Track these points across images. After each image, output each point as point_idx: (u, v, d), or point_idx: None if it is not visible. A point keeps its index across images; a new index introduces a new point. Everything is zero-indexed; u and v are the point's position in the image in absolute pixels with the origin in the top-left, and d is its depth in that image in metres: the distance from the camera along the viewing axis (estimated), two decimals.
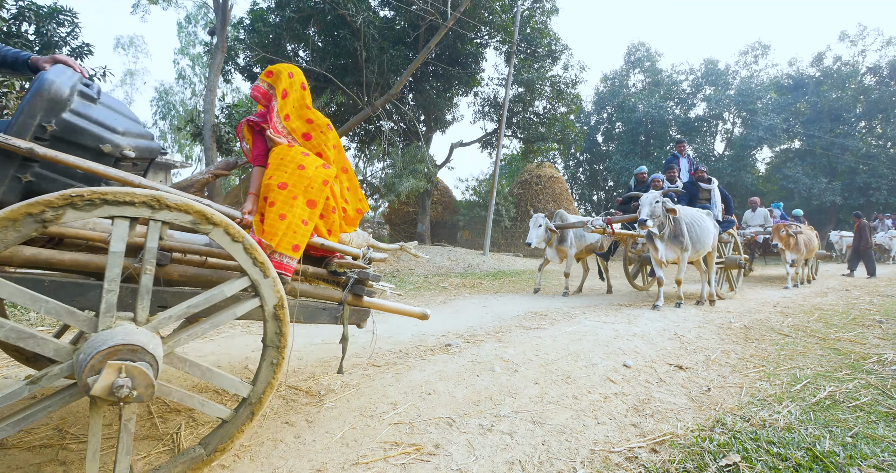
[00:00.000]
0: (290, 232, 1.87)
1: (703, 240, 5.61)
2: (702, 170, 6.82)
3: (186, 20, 28.77)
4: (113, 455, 1.76)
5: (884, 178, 22.82)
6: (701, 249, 5.61)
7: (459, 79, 15.60)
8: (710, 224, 5.90)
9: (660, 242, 5.28)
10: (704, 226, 5.69)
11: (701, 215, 5.84)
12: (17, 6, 9.83)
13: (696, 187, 6.76)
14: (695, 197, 6.72)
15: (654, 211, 5.03)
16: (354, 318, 2.17)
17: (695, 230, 5.52)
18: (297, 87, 2.20)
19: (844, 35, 26.28)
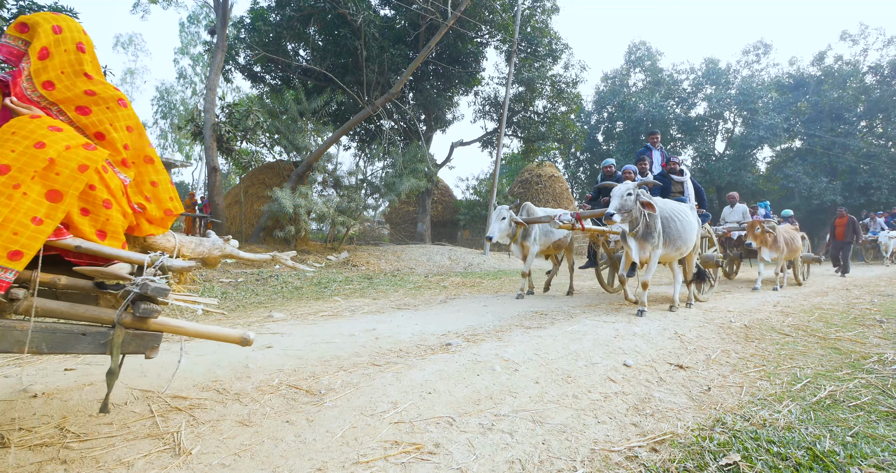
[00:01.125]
0: (7, 233, 1.40)
1: (685, 237, 4.99)
2: (674, 161, 6.29)
3: (188, 20, 28.81)
4: (111, 452, 1.76)
5: (884, 177, 22.80)
6: (682, 246, 4.99)
7: (460, 78, 15.60)
8: (693, 219, 5.29)
9: (633, 240, 4.64)
10: (687, 221, 5.08)
11: (683, 209, 5.20)
12: (17, 6, 9.83)
13: (668, 179, 6.23)
14: (667, 190, 6.19)
15: (625, 204, 4.42)
16: (135, 345, 1.71)
17: (674, 226, 4.87)
18: (70, 46, 1.73)
19: (846, 34, 26.24)
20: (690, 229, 5.10)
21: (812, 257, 9.52)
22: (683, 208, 5.29)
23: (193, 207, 16.69)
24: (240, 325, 4.27)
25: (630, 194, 4.44)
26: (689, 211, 5.30)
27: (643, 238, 4.62)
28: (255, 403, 2.27)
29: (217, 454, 1.78)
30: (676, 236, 4.87)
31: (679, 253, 5.08)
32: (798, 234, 8.65)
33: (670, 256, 5.02)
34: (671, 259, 5.24)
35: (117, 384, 2.52)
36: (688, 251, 5.19)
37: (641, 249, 4.66)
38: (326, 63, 14.25)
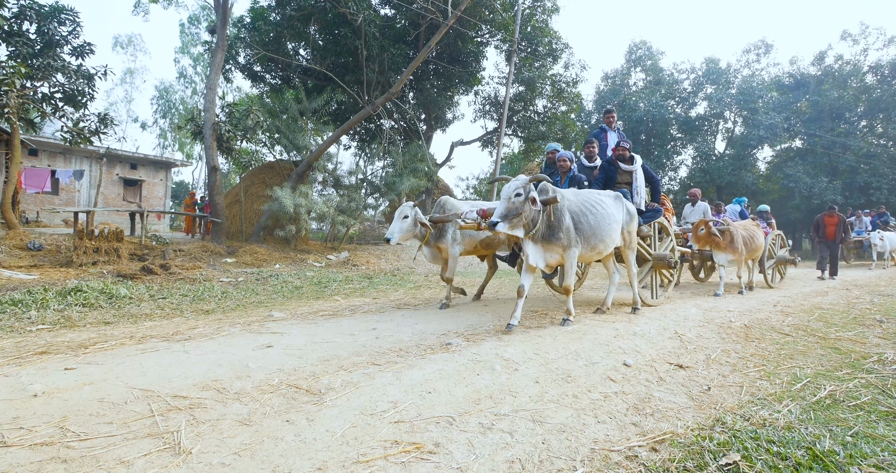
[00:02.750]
0: None
1: (602, 233, 4.21)
2: (624, 146, 5.37)
3: (189, 21, 28.82)
4: (111, 452, 1.77)
5: (884, 177, 22.79)
6: (600, 244, 4.26)
7: (460, 77, 15.60)
8: (614, 210, 4.48)
9: (531, 243, 3.89)
10: (604, 214, 4.30)
11: (599, 201, 4.41)
12: (18, 5, 9.83)
13: (614, 167, 5.40)
14: (612, 179, 5.39)
15: (513, 208, 3.66)
16: None
17: (587, 222, 4.13)
18: None
19: (846, 34, 26.21)
20: (609, 222, 4.32)
21: (787, 258, 8.67)
22: (600, 199, 4.47)
23: (194, 206, 16.69)
24: (239, 324, 4.28)
25: (519, 195, 3.68)
26: (608, 202, 4.51)
27: (546, 240, 3.91)
28: (256, 402, 2.27)
29: (217, 453, 1.78)
30: (591, 233, 4.14)
31: (597, 253, 4.33)
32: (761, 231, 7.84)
33: (587, 256, 4.31)
34: (590, 260, 4.57)
35: (117, 383, 2.52)
36: (608, 249, 4.41)
37: (547, 251, 3.95)
38: (327, 62, 14.25)
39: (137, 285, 6.55)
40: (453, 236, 5.23)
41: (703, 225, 6.93)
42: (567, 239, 3.94)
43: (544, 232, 3.89)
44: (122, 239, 9.43)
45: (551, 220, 3.89)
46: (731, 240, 7.06)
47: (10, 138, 10.86)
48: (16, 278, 6.84)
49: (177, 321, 4.64)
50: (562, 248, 3.95)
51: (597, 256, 4.40)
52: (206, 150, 12.07)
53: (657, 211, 5.52)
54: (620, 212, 4.58)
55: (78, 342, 3.56)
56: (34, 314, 4.59)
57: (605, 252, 4.41)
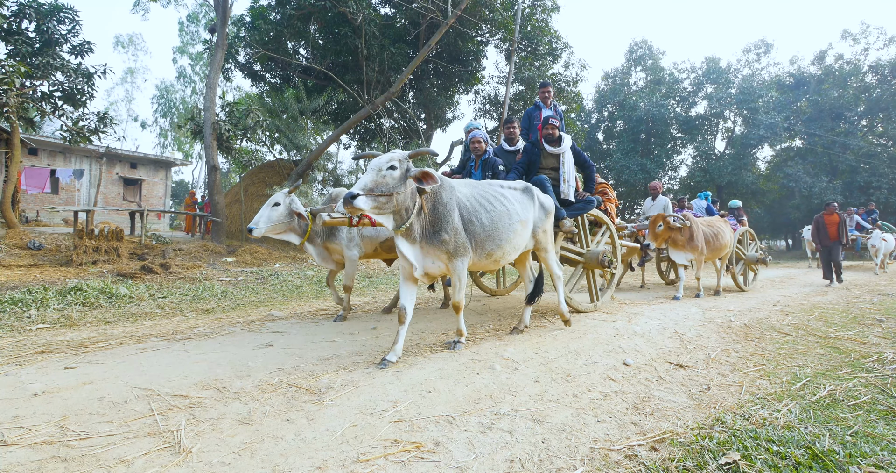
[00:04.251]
0: None
1: (499, 236, 3.30)
2: (552, 124, 4.45)
3: (188, 19, 28.79)
4: (112, 451, 1.76)
5: (884, 177, 22.80)
6: (497, 250, 3.30)
7: (460, 77, 15.59)
8: (520, 207, 3.55)
9: (405, 243, 2.94)
10: (502, 212, 3.36)
11: (498, 194, 3.46)
12: (17, 3, 9.81)
13: (538, 149, 4.52)
14: (535, 164, 4.49)
15: (381, 185, 2.69)
16: None
17: (481, 220, 3.20)
18: None
19: (847, 33, 26.21)
20: (511, 222, 3.37)
21: (756, 257, 7.83)
22: (503, 193, 3.52)
23: (194, 205, 16.69)
24: (239, 323, 4.28)
25: (394, 169, 2.74)
26: (513, 197, 3.57)
27: (427, 240, 2.97)
28: (256, 401, 2.27)
29: (217, 452, 1.78)
30: (485, 236, 3.20)
31: (494, 261, 3.36)
32: (727, 227, 7.16)
33: (483, 265, 3.36)
34: (488, 269, 3.60)
35: (117, 382, 2.52)
36: (510, 255, 3.48)
37: (427, 255, 3.02)
38: (327, 62, 14.24)
39: (137, 285, 6.55)
40: (349, 236, 4.34)
41: (660, 220, 6.30)
42: (454, 242, 3.01)
43: (424, 229, 2.96)
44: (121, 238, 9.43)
45: (434, 214, 2.95)
46: (691, 237, 6.41)
47: (9, 137, 10.85)
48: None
49: (177, 321, 4.64)
50: (446, 253, 3.00)
51: (493, 264, 3.42)
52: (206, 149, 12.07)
53: (589, 202, 4.64)
54: (530, 208, 3.65)
55: (78, 341, 3.56)
56: (34, 313, 4.59)
57: (506, 260, 3.47)
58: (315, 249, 4.34)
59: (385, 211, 2.78)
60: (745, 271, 7.85)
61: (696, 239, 6.43)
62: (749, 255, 7.84)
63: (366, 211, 2.68)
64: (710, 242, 6.66)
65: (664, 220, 6.28)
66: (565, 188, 4.47)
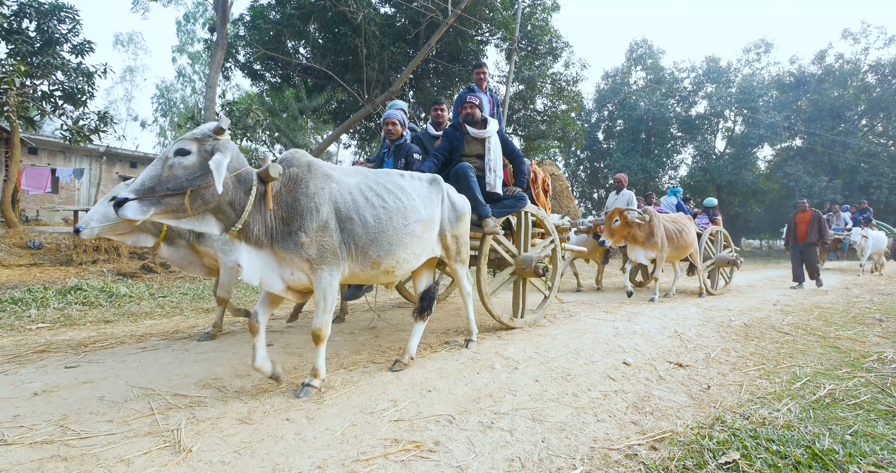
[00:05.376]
0: None
1: (391, 240, 2.59)
2: (471, 102, 3.80)
3: (185, 18, 28.75)
4: (112, 450, 1.77)
5: (884, 176, 22.81)
6: (387, 258, 2.59)
7: (460, 76, 15.57)
8: (422, 203, 2.86)
9: (243, 247, 2.24)
10: (397, 209, 2.66)
11: (394, 187, 2.75)
12: (17, 3, 9.80)
13: (460, 132, 3.87)
14: (457, 150, 3.85)
15: (166, 180, 1.97)
16: None
17: (364, 219, 2.50)
18: None
19: (847, 33, 26.22)
20: (407, 223, 2.68)
21: (727, 258, 7.21)
22: (401, 185, 2.80)
23: None
24: (239, 322, 4.28)
25: (185, 154, 2.01)
26: (415, 190, 2.87)
27: (280, 244, 2.27)
28: (256, 400, 2.27)
29: (217, 451, 1.79)
30: (370, 239, 2.50)
31: (386, 272, 2.64)
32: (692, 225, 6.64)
33: (370, 276, 2.63)
34: (378, 281, 2.78)
35: (117, 381, 2.52)
36: (407, 265, 2.74)
37: (283, 264, 2.32)
38: (327, 61, 14.23)
39: (137, 284, 6.55)
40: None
41: (617, 215, 5.73)
42: (317, 246, 2.28)
43: (273, 229, 2.25)
44: None
45: (291, 210, 2.26)
46: (651, 233, 5.88)
47: (9, 137, 10.85)
48: None
49: (177, 320, 4.64)
50: (306, 261, 2.27)
51: (385, 276, 2.68)
52: None
53: (520, 199, 3.88)
54: (436, 206, 2.96)
55: (78, 340, 3.56)
56: (34, 313, 4.59)
57: (402, 270, 2.72)
58: (176, 251, 3.47)
59: (187, 215, 2.01)
60: (715, 274, 7.27)
61: (656, 236, 5.90)
62: (719, 256, 7.24)
63: (139, 218, 1.90)
64: (672, 239, 6.17)
65: (621, 214, 5.75)
66: (492, 179, 3.76)
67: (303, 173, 2.35)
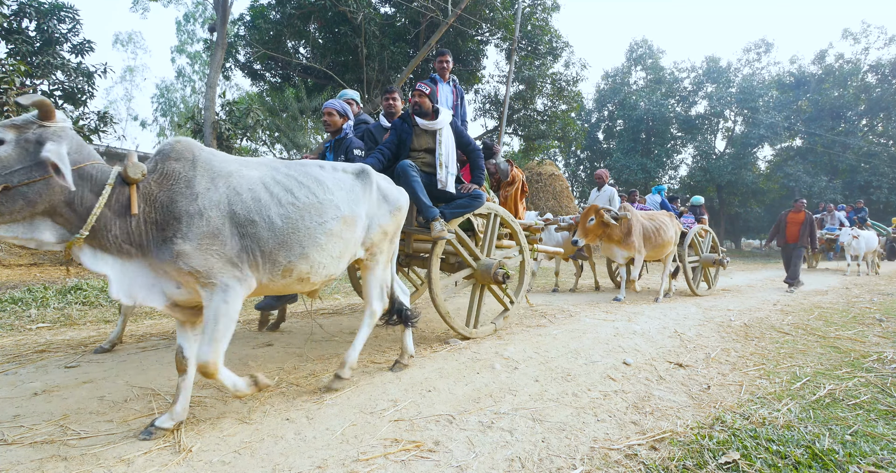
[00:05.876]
0: None
1: (305, 237, 2.18)
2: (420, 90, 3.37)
3: (185, 18, 28.75)
4: (112, 450, 1.77)
5: (885, 176, 22.82)
6: (300, 263, 2.17)
7: (460, 76, 15.56)
8: (344, 198, 2.40)
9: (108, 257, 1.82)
10: (310, 203, 2.23)
11: (310, 180, 2.32)
12: (17, 2, 9.80)
13: (408, 124, 3.49)
14: (405, 144, 3.46)
15: None
16: None
17: (269, 217, 2.07)
18: None
19: (847, 32, 26.22)
20: (324, 220, 2.25)
21: (713, 258, 6.92)
22: (319, 177, 2.37)
23: None
24: (239, 322, 4.28)
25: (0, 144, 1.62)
26: (335, 183, 2.42)
27: (155, 254, 1.85)
28: (256, 400, 2.28)
29: (217, 451, 1.79)
30: (277, 241, 2.08)
31: (298, 280, 2.22)
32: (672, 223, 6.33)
33: (280, 285, 2.20)
34: (294, 290, 2.35)
35: (117, 381, 2.52)
36: (324, 270, 2.30)
37: (158, 275, 1.90)
38: (327, 61, 14.23)
39: None
40: None
41: (592, 213, 5.40)
42: (205, 258, 1.87)
43: (143, 236, 1.83)
44: None
45: (167, 212, 1.85)
46: (628, 232, 5.58)
47: None
48: None
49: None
50: (191, 275, 1.86)
51: (301, 285, 2.27)
52: None
53: (476, 197, 3.47)
54: (362, 200, 2.52)
55: (78, 340, 3.56)
56: (34, 313, 4.59)
57: (320, 276, 2.30)
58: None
59: (9, 219, 1.64)
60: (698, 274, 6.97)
61: (632, 234, 5.58)
62: (705, 256, 6.95)
63: None
64: (650, 238, 5.85)
65: (596, 213, 5.40)
66: (443, 176, 3.36)
67: (185, 169, 1.94)
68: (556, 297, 6.43)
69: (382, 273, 2.75)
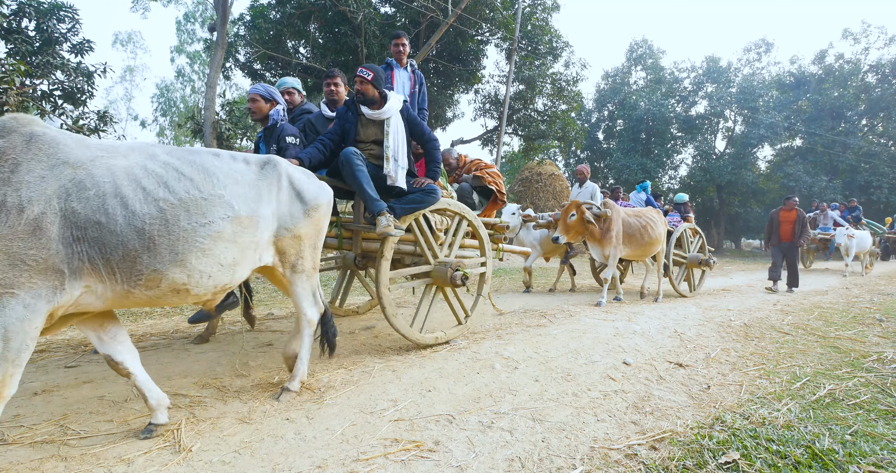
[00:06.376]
0: None
1: (178, 241, 1.80)
2: (361, 75, 2.95)
3: (185, 18, 28.76)
4: (112, 449, 1.77)
5: (885, 176, 22.80)
6: (174, 271, 1.80)
7: (460, 76, 15.57)
8: (237, 193, 2.04)
9: None
10: (188, 198, 1.87)
11: (192, 170, 1.95)
12: (17, 2, 9.81)
13: (353, 112, 3.12)
14: (349, 134, 3.11)
15: None
16: None
17: (127, 215, 1.71)
18: None
19: (847, 32, 26.20)
20: (206, 218, 1.90)
21: (699, 258, 6.67)
22: (214, 165, 2.05)
23: None
24: (239, 322, 4.28)
25: None
26: (238, 174, 2.11)
27: None
28: (255, 401, 2.28)
29: (217, 451, 1.79)
30: (138, 247, 1.73)
31: (174, 292, 1.87)
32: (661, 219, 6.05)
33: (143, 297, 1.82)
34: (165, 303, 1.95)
35: (117, 381, 2.52)
36: (210, 278, 1.93)
37: None
38: (327, 60, 14.23)
39: None
40: None
41: (573, 209, 5.12)
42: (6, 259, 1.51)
43: None
44: None
45: None
46: (608, 229, 5.33)
47: None
48: None
49: (177, 320, 4.64)
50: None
51: (176, 296, 1.89)
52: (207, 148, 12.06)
53: (429, 193, 3.12)
54: (266, 197, 2.17)
55: (78, 339, 3.56)
56: None
57: (202, 289, 1.92)
58: None
59: None
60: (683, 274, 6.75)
61: (611, 231, 5.34)
62: (691, 256, 6.73)
63: None
64: (635, 236, 5.55)
65: (578, 208, 5.11)
66: (392, 170, 3.02)
67: (13, 150, 1.59)
68: (555, 297, 6.44)
69: (309, 281, 2.44)
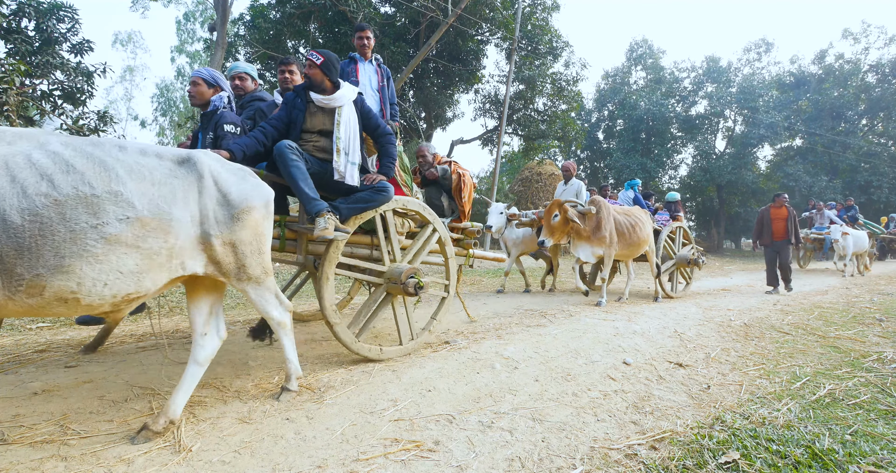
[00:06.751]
0: None
1: (63, 245, 1.55)
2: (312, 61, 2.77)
3: (185, 18, 28.77)
4: (112, 449, 1.77)
5: (885, 176, 22.81)
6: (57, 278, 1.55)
7: (460, 76, 15.58)
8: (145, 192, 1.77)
9: None
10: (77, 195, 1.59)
11: (89, 164, 1.66)
12: (17, 2, 9.81)
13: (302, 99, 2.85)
14: (296, 124, 2.83)
15: None
16: None
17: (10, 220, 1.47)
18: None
19: (847, 32, 26.20)
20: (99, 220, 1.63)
21: (688, 258, 6.52)
22: (117, 158, 1.76)
23: None
24: (239, 322, 4.28)
25: None
26: (147, 169, 1.83)
27: None
28: (255, 400, 2.28)
29: (217, 451, 1.79)
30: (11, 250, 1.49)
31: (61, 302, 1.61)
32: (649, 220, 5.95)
33: (21, 305, 1.57)
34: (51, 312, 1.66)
35: (117, 381, 2.52)
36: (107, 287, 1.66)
37: None
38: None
39: None
40: None
41: (556, 209, 4.84)
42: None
43: None
44: None
45: None
46: (598, 227, 5.03)
47: None
48: None
49: (177, 319, 4.64)
50: None
51: (64, 307, 1.65)
52: None
53: (380, 190, 2.88)
54: (182, 198, 1.91)
55: (78, 339, 3.56)
56: None
57: (96, 299, 1.66)
58: None
59: None
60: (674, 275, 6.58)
61: (604, 229, 5.03)
62: (679, 255, 6.52)
63: None
64: (624, 235, 5.32)
65: (560, 208, 4.80)
66: (341, 164, 2.77)
67: None
68: (555, 297, 6.44)
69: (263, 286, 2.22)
